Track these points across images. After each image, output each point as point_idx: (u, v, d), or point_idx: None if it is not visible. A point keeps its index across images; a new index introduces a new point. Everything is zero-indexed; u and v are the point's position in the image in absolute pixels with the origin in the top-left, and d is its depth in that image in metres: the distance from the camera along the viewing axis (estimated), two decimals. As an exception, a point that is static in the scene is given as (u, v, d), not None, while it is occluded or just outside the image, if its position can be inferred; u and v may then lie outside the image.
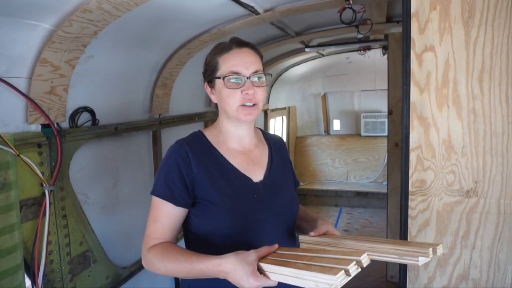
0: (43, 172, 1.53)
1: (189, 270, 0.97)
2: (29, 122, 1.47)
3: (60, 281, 1.63)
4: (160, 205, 1.09)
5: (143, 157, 2.35)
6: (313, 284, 0.82)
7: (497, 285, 1.36)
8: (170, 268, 1.01)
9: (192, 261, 0.97)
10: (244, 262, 0.90)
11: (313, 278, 0.82)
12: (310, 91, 6.30)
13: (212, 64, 1.14)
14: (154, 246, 1.06)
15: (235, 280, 0.90)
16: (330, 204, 5.74)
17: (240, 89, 1.08)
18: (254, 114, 1.11)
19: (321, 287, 0.81)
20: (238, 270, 0.89)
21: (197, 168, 1.09)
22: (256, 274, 0.89)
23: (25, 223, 1.48)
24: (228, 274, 0.91)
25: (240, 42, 1.14)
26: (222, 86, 1.10)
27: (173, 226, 1.09)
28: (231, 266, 0.90)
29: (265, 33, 2.88)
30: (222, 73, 1.11)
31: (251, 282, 0.88)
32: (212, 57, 1.15)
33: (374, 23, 2.71)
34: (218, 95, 1.15)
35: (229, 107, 1.11)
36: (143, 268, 2.16)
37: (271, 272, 0.90)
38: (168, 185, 1.08)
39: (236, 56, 1.11)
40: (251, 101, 1.10)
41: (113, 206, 2.06)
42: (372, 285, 3.32)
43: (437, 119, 1.35)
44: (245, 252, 0.92)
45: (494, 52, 1.26)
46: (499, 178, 1.31)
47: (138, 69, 2.07)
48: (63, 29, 1.36)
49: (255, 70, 1.10)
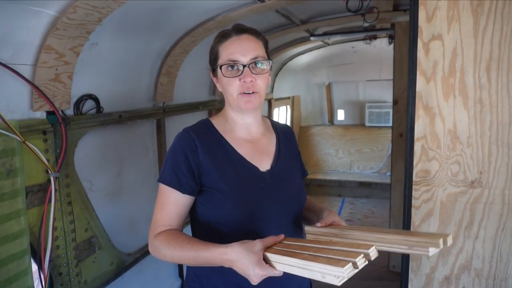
0: (48, 159, 1.54)
1: (195, 258, 0.97)
2: (34, 109, 1.47)
3: (66, 266, 1.66)
4: (167, 193, 1.08)
5: (147, 145, 2.35)
6: (319, 276, 0.82)
7: (499, 275, 1.36)
8: (176, 255, 1.01)
9: (198, 249, 0.97)
10: (249, 251, 0.89)
11: (320, 269, 0.81)
12: (314, 81, 6.26)
13: (214, 53, 1.13)
14: (161, 233, 1.06)
15: (240, 269, 0.90)
16: (333, 194, 5.75)
17: (238, 77, 1.07)
18: (254, 102, 1.09)
19: (327, 279, 0.80)
20: (244, 259, 0.89)
21: (204, 156, 1.09)
22: (262, 263, 0.89)
23: (31, 209, 1.50)
24: (234, 263, 0.91)
25: (240, 29, 1.11)
26: (222, 75, 1.10)
27: (180, 214, 1.09)
28: (237, 255, 0.90)
29: (270, 21, 2.85)
30: (221, 61, 1.10)
31: (257, 271, 0.88)
32: (214, 45, 1.14)
33: (381, 12, 2.67)
34: (220, 84, 1.14)
35: (230, 95, 1.10)
36: (147, 255, 2.19)
37: (277, 262, 0.89)
38: (175, 172, 1.07)
39: (234, 44, 1.09)
40: (250, 89, 1.08)
41: (118, 193, 2.07)
42: (374, 275, 3.34)
43: (443, 109, 1.33)
44: (251, 242, 0.92)
45: (502, 41, 1.24)
46: (504, 168, 1.31)
47: (142, 57, 2.07)
48: (67, 16, 1.35)
49: (254, 57, 1.07)
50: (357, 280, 3.82)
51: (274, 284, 1.09)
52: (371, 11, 2.62)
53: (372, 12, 2.63)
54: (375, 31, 3.61)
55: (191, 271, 1.18)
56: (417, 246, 0.94)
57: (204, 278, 1.14)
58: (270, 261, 0.90)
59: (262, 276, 0.88)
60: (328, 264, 0.80)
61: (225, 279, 1.10)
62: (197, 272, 1.15)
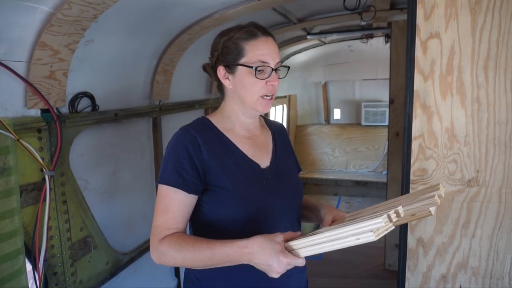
0: (43, 157, 1.52)
1: (211, 257, 0.94)
2: (29, 106, 1.45)
3: (61, 266, 1.64)
4: (171, 194, 1.03)
5: (143, 144, 2.34)
6: (353, 240, 0.78)
7: (496, 273, 1.36)
8: (188, 257, 0.97)
9: (214, 246, 0.94)
10: (272, 241, 0.89)
11: (353, 231, 0.78)
12: (311, 80, 6.26)
13: (236, 49, 1.07)
14: (167, 237, 1.00)
15: (262, 260, 0.88)
16: (329, 193, 5.76)
17: (265, 80, 1.07)
18: (270, 106, 1.12)
19: (362, 239, 0.76)
20: (266, 249, 0.88)
21: (207, 153, 1.06)
22: (285, 252, 0.88)
23: (25, 208, 1.48)
24: (254, 255, 0.89)
25: (266, 30, 1.11)
26: (247, 74, 1.06)
27: (185, 215, 1.05)
28: (259, 245, 0.89)
29: (267, 19, 2.84)
30: (249, 60, 1.06)
31: (281, 259, 0.87)
32: (234, 41, 1.08)
33: (378, 10, 2.67)
34: (238, 82, 1.09)
35: (250, 96, 1.08)
36: (143, 254, 2.18)
37: (301, 248, 0.88)
38: (179, 172, 1.03)
39: (264, 45, 1.07)
40: (271, 93, 1.09)
41: (114, 192, 2.06)
42: (370, 273, 3.35)
43: (441, 107, 1.33)
44: (270, 234, 0.92)
45: (500, 39, 1.24)
46: (501, 167, 1.31)
47: (139, 54, 2.05)
48: (62, 12, 1.33)
49: (279, 61, 1.10)
50: (353, 278, 3.84)
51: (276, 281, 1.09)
52: (368, 9, 2.63)
53: (369, 10, 2.63)
54: (371, 30, 3.61)
55: (191, 274, 1.15)
56: (419, 211, 0.94)
57: (205, 281, 1.12)
58: (293, 250, 0.90)
59: (286, 264, 0.87)
60: (361, 222, 0.77)
61: (227, 281, 1.08)
62: (198, 275, 1.12)
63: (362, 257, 3.60)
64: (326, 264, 3.46)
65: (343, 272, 3.31)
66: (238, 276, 1.07)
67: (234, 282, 1.07)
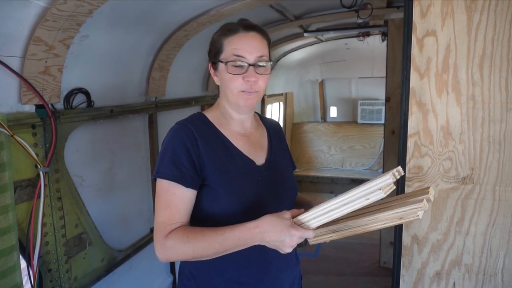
0: (37, 153, 1.51)
1: (222, 243, 0.94)
2: (23, 102, 1.44)
3: (55, 262, 1.63)
4: (171, 189, 1.02)
5: (139, 141, 2.33)
6: (363, 200, 0.81)
7: (489, 270, 1.37)
8: (199, 248, 0.95)
9: (224, 232, 0.94)
10: (281, 217, 0.92)
11: (362, 193, 0.81)
12: (307, 77, 6.27)
13: (217, 45, 1.09)
14: (173, 231, 0.98)
15: (274, 237, 0.91)
16: (325, 190, 5.77)
17: (242, 75, 1.05)
18: (253, 101, 1.09)
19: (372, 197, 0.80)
20: (277, 225, 0.91)
21: (203, 148, 1.05)
22: (295, 225, 0.92)
23: (20, 204, 1.47)
24: (266, 233, 0.92)
25: (248, 25, 1.09)
26: (224, 70, 1.07)
27: (188, 209, 1.04)
28: (269, 223, 0.92)
29: (264, 16, 2.84)
30: (225, 56, 1.07)
31: (293, 232, 0.90)
32: (218, 37, 1.10)
33: (375, 8, 2.67)
34: (220, 78, 1.11)
35: (230, 91, 1.08)
36: (138, 251, 2.18)
37: (310, 220, 0.92)
38: (176, 165, 1.01)
39: (241, 40, 1.06)
40: (252, 89, 1.07)
41: (109, 189, 2.05)
42: (365, 271, 3.37)
43: (436, 105, 1.34)
44: (278, 212, 0.95)
45: (496, 37, 1.25)
46: (495, 165, 1.32)
47: (135, 50, 2.04)
48: (57, 7, 1.32)
49: (259, 55, 1.06)
50: (348, 276, 3.86)
51: (265, 285, 1.09)
52: (365, 7, 2.63)
53: (366, 8, 2.63)
54: (368, 28, 3.61)
55: (186, 269, 1.16)
56: (408, 214, 0.95)
57: (200, 277, 1.12)
58: (302, 224, 0.93)
59: (298, 236, 0.90)
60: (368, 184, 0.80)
61: (222, 276, 1.09)
62: (193, 271, 1.13)
63: (358, 254, 3.62)
64: (321, 262, 3.47)
65: (338, 270, 3.32)
66: (233, 271, 1.07)
67: (229, 277, 1.07)
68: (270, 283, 1.11)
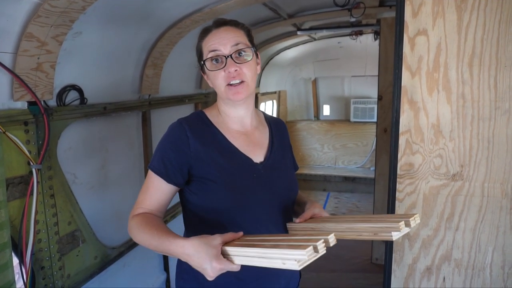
0: (30, 150, 1.50)
1: (157, 246, 0.98)
2: (15, 99, 1.43)
3: (48, 260, 1.63)
4: (153, 178, 1.11)
5: (132, 138, 2.32)
6: (279, 263, 0.79)
7: (478, 265, 1.41)
8: (143, 239, 1.02)
9: (161, 237, 0.97)
10: (208, 245, 0.88)
11: (280, 255, 0.79)
12: (301, 76, 6.29)
13: (198, 50, 1.15)
14: (138, 215, 1.08)
15: (197, 263, 0.88)
16: (318, 188, 5.81)
17: (222, 69, 1.07)
18: (242, 92, 1.09)
19: (288, 265, 0.78)
20: (201, 253, 0.87)
21: (196, 146, 1.09)
22: (220, 257, 0.87)
23: (12, 201, 1.46)
24: (190, 257, 0.89)
25: (219, 22, 1.12)
26: (207, 69, 1.11)
27: (161, 200, 1.11)
28: (194, 248, 0.88)
29: (258, 14, 2.84)
30: (204, 56, 1.11)
31: (214, 265, 0.86)
32: (198, 43, 1.15)
33: (367, 7, 2.69)
34: (209, 79, 1.15)
35: (218, 88, 1.11)
36: (132, 249, 2.17)
37: (235, 256, 0.88)
38: (164, 162, 1.09)
39: (213, 37, 1.10)
40: (236, 79, 1.07)
41: (102, 186, 2.04)
42: (357, 267, 3.40)
43: (427, 103, 1.36)
44: (209, 236, 0.91)
45: (485, 37, 1.27)
46: (484, 162, 1.35)
47: (128, 47, 2.03)
48: (49, 3, 1.31)
49: (234, 44, 1.08)
50: (341, 273, 3.88)
51: (263, 280, 1.10)
52: (358, 6, 2.65)
53: (358, 7, 2.65)
54: (361, 27, 3.64)
55: (184, 263, 1.17)
56: (382, 232, 0.96)
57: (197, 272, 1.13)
58: (229, 256, 0.89)
59: (219, 269, 0.87)
60: (288, 249, 0.78)
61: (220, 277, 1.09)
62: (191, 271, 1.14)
63: (350, 251, 3.65)
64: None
65: (331, 267, 3.34)
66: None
67: (227, 272, 1.07)
68: (267, 278, 1.12)
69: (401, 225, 0.94)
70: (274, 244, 0.84)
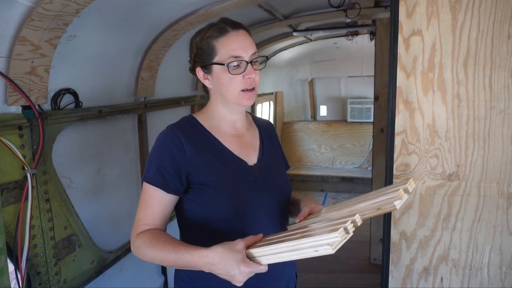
0: (24, 155, 1.49)
1: (175, 260, 0.95)
2: (9, 103, 1.42)
3: (44, 265, 1.61)
4: (151, 191, 1.06)
5: (128, 141, 2.31)
6: (311, 252, 0.79)
7: (475, 265, 1.41)
8: (156, 256, 0.99)
9: (179, 251, 0.94)
10: (232, 250, 0.87)
11: (311, 243, 0.79)
12: (297, 77, 6.29)
13: (208, 48, 1.09)
14: (143, 232, 1.04)
15: (224, 271, 0.87)
16: (315, 189, 5.81)
17: (241, 74, 1.06)
18: (253, 98, 1.11)
19: (321, 251, 0.78)
20: (227, 259, 0.86)
21: (191, 153, 1.07)
22: (246, 260, 0.86)
23: (7, 207, 1.45)
24: (216, 266, 0.88)
25: (235, 24, 1.10)
26: (222, 72, 1.07)
27: (164, 213, 1.07)
28: (219, 256, 0.87)
29: (253, 16, 2.84)
30: (222, 58, 1.07)
31: (242, 269, 0.85)
32: (206, 40, 1.09)
33: (362, 8, 2.70)
34: (215, 81, 1.10)
35: (230, 92, 1.08)
36: (129, 253, 2.16)
37: (262, 256, 0.87)
38: (160, 172, 1.05)
39: (234, 39, 1.07)
40: (251, 85, 1.08)
41: (98, 190, 2.03)
42: (355, 268, 3.40)
43: (422, 103, 1.36)
44: (232, 242, 0.90)
45: (479, 37, 1.27)
46: (480, 162, 1.35)
47: (123, 50, 2.02)
48: (43, 6, 1.31)
49: (253, 52, 1.09)
50: (339, 273, 3.88)
51: (265, 283, 1.10)
52: (353, 6, 2.65)
53: (354, 8, 2.66)
54: (356, 27, 3.64)
55: (182, 272, 1.15)
56: (385, 205, 0.96)
57: (196, 279, 1.11)
58: (254, 258, 0.88)
59: (248, 273, 0.86)
60: (319, 235, 0.78)
61: (220, 279, 1.08)
62: (189, 273, 1.12)
63: (348, 252, 3.64)
64: (312, 260, 3.45)
65: (329, 267, 3.34)
66: None
67: (228, 282, 1.07)
68: (267, 283, 1.12)
69: (401, 192, 0.94)
70: (303, 235, 0.84)
